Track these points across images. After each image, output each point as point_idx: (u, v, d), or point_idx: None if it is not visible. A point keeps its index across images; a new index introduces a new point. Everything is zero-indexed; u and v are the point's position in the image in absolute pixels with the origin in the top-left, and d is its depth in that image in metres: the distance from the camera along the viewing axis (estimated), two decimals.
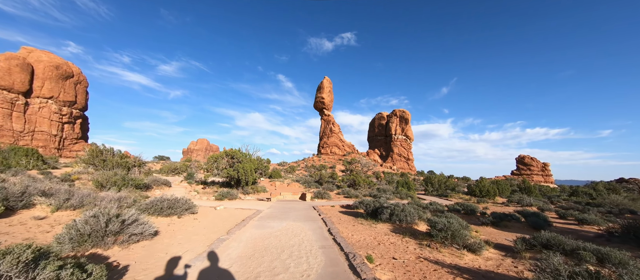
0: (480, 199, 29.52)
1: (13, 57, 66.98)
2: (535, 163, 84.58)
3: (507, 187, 33.55)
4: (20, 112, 67.58)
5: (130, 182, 19.00)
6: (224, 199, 19.80)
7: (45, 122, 70.42)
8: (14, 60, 66.35)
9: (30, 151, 31.99)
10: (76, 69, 74.62)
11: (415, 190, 33.82)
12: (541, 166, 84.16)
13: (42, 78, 69.85)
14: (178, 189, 24.50)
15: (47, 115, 70.57)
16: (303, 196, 22.26)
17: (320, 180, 44.68)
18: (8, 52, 68.12)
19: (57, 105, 71.90)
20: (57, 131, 71.89)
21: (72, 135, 74.83)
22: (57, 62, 71.56)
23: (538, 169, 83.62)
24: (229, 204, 17.46)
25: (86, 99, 77.01)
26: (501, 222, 14.16)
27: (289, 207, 17.02)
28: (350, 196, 26.62)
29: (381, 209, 12.36)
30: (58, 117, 71.88)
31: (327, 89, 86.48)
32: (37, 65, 69.65)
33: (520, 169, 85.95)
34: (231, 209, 14.90)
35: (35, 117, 69.45)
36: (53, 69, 70.63)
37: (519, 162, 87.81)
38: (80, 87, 75.00)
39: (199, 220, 11.38)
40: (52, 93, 70.63)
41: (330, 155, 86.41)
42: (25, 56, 69.38)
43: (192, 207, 12.63)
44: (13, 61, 66.28)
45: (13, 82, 65.80)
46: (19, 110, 67.34)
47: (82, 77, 75.56)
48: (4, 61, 65.95)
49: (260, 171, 26.32)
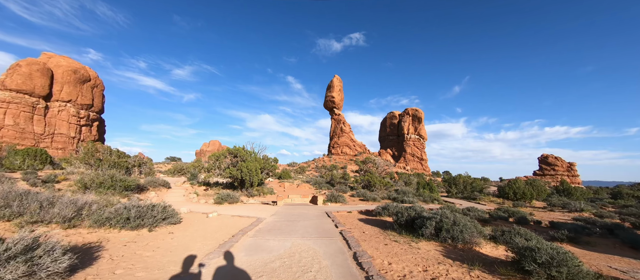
0: (515, 202, 25.18)
1: (34, 62, 67.62)
2: (560, 163, 77.57)
3: (544, 188, 28.91)
4: (41, 115, 68.02)
5: (118, 184, 16.26)
6: (224, 203, 16.74)
7: (64, 125, 70.67)
8: (35, 66, 66.91)
9: (36, 151, 30.38)
10: (93, 73, 74.80)
11: (438, 192, 29.77)
12: (567, 166, 77.07)
13: (61, 82, 70.24)
14: (177, 191, 21.72)
15: (66, 118, 70.81)
16: (314, 199, 18.92)
17: (331, 181, 41.22)
18: (29, 58, 68.89)
19: (75, 109, 72.13)
20: (75, 133, 72.04)
21: (89, 137, 74.84)
22: (75, 66, 71.86)
23: (563, 169, 76.58)
24: (226, 209, 14.34)
25: (102, 102, 77.08)
26: (580, 237, 10.26)
27: (297, 213, 13.70)
28: (366, 199, 23.04)
29: (420, 220, 8.82)
30: (76, 120, 72.06)
31: (337, 88, 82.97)
32: (56, 70, 70.11)
33: (544, 169, 79.08)
34: (226, 217, 11.73)
35: (55, 120, 69.79)
36: (71, 73, 70.91)
37: (541, 162, 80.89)
38: (97, 90, 75.08)
39: (175, 234, 8.24)
40: (71, 96, 70.90)
41: (341, 155, 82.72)
42: (46, 61, 70.02)
43: (173, 215, 9.53)
44: (34, 66, 66.85)
45: (34, 87, 66.29)
46: (39, 113, 67.79)
47: (99, 81, 75.65)
48: (25, 66, 66.61)
49: (266, 171, 23.22)
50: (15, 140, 63.13)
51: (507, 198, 27.07)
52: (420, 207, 10.46)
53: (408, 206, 10.88)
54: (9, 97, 64.09)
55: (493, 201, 26.31)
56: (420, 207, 10.64)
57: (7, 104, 63.92)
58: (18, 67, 66.14)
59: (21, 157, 25.09)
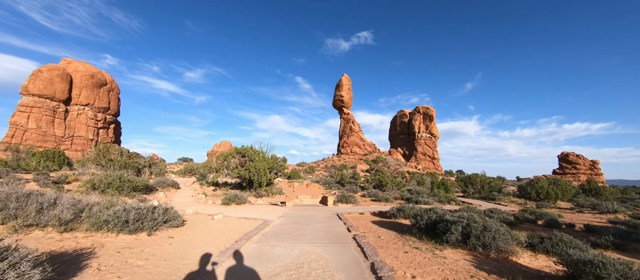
0: (539, 203, 23.44)
1: (54, 68, 70.08)
2: (582, 161, 73.30)
3: (569, 187, 26.89)
4: (61, 118, 70.42)
5: (126, 184, 15.99)
6: (231, 204, 16.16)
7: (82, 128, 72.92)
8: (55, 71, 69.33)
9: (54, 153, 31.04)
10: (109, 77, 76.82)
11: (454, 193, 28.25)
12: (589, 164, 72.75)
13: (79, 87, 72.50)
14: (186, 192, 21.40)
15: (84, 121, 73.05)
16: (324, 200, 18.09)
17: (341, 181, 40.25)
18: (50, 64, 71.42)
19: (93, 112, 74.29)
20: (93, 136, 74.20)
21: (106, 139, 76.90)
22: (92, 71, 74.00)
23: (586, 168, 72.33)
24: (233, 211, 13.72)
25: (118, 105, 79.05)
26: (628, 244, 8.94)
27: (306, 215, 12.90)
28: (378, 199, 21.99)
29: (443, 224, 7.81)
30: (94, 123, 74.22)
31: (346, 87, 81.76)
32: (75, 75, 72.44)
33: (564, 167, 74.98)
34: (231, 219, 11.07)
35: (74, 123, 72.12)
36: (89, 77, 73.07)
37: (562, 160, 76.75)
38: (113, 94, 77.07)
39: (175, 239, 7.60)
40: (88, 100, 73.07)
41: (350, 155, 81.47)
42: (65, 67, 72.47)
43: (175, 217, 8.92)
44: (54, 72, 69.27)
45: (55, 91, 68.69)
46: (60, 117, 70.20)
47: (115, 85, 77.63)
48: (46, 72, 69.14)
49: (275, 171, 22.57)
50: (38, 142, 65.61)
51: (529, 198, 25.32)
52: (441, 209, 9.42)
53: (427, 207, 9.86)
54: (32, 102, 66.67)
55: (514, 202, 24.64)
56: (441, 209, 9.59)
57: (31, 108, 66.50)
58: (40, 72, 68.71)
59: (37, 158, 25.54)
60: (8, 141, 65.27)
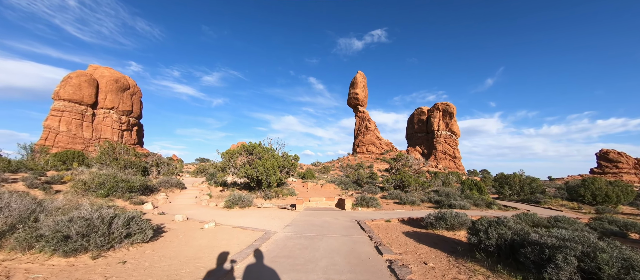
0: (599, 207, 19.15)
1: (82, 74, 72.55)
2: (625, 159, 64.82)
3: (630, 189, 22.16)
4: (89, 122, 72.74)
5: (121, 184, 14.09)
6: (234, 207, 13.78)
7: (108, 130, 74.99)
8: (83, 77, 71.74)
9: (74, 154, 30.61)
10: (131, 81, 78.51)
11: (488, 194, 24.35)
12: (633, 162, 64.16)
13: (105, 91, 74.66)
14: (191, 192, 19.42)
15: (110, 124, 75.09)
16: (341, 203, 15.26)
17: (358, 181, 37.16)
18: (79, 70, 74.03)
19: (117, 115, 76.21)
20: (117, 138, 76.05)
21: (129, 141, 78.61)
22: (116, 76, 75.94)
23: (629, 166, 63.85)
24: (232, 217, 11.28)
25: (141, 108, 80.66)
26: None
27: (320, 223, 10.17)
28: (403, 202, 18.82)
29: (534, 248, 4.78)
30: (118, 125, 76.11)
31: (361, 84, 78.24)
32: (101, 80, 74.66)
33: (603, 166, 66.74)
34: (224, 229, 8.57)
35: (100, 126, 74.32)
36: (113, 82, 75.02)
37: (601, 159, 68.46)
38: (136, 97, 78.69)
39: (127, 265, 5.15)
40: (113, 104, 75.03)
41: (366, 154, 77.81)
42: (92, 72, 74.91)
43: (142, 230, 6.51)
44: (82, 78, 71.70)
45: (83, 96, 71.05)
46: (87, 120, 72.53)
47: (137, 89, 79.26)
48: (75, 78, 71.68)
49: (286, 170, 20.08)
50: (68, 145, 67.97)
51: (582, 201, 20.99)
52: (515, 223, 6.30)
53: (491, 218, 6.78)
54: (63, 106, 69.27)
55: (564, 205, 20.44)
56: (517, 224, 6.46)
57: (61, 112, 69.13)
58: (69, 78, 71.33)
59: (51, 159, 24.81)
60: (42, 143, 68.06)
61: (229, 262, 5.36)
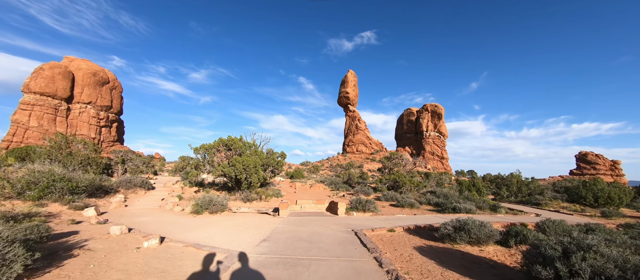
0: (602, 209, 17.78)
1: (56, 66, 66.63)
2: (602, 161, 66.35)
3: (627, 190, 21.10)
4: (63, 117, 66.83)
5: (59, 184, 11.05)
6: (203, 212, 11.07)
7: (84, 126, 69.24)
8: (57, 69, 65.85)
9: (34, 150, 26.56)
10: (111, 75, 73.16)
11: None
12: (609, 164, 65.78)
13: (81, 85, 68.96)
14: (158, 194, 16.42)
15: (87, 119, 69.39)
16: (332, 206, 12.83)
17: (349, 181, 34.94)
18: (52, 62, 68.03)
19: (95, 110, 70.63)
20: (95, 134, 70.48)
21: (109, 138, 73.16)
22: (94, 69, 70.43)
23: (606, 168, 65.38)
24: (194, 227, 8.62)
25: (121, 104, 75.32)
26: None
27: (307, 236, 7.70)
28: (401, 204, 16.65)
29: None
30: (96, 121, 70.52)
31: (352, 83, 76.37)
32: (77, 73, 68.94)
33: (582, 167, 68.07)
34: (171, 249, 5.95)
35: (76, 121, 68.51)
36: (91, 75, 69.50)
37: (579, 160, 69.84)
38: (116, 92, 73.34)
39: None
40: (91, 98, 69.45)
41: (356, 153, 75.99)
42: (67, 65, 69.03)
43: (8, 261, 3.85)
44: (56, 69, 65.80)
45: (56, 89, 65.19)
46: (62, 115, 66.61)
47: (117, 83, 73.95)
48: (48, 70, 65.68)
49: (271, 168, 17.47)
50: (39, 141, 61.86)
51: (584, 203, 19.64)
52: (619, 253, 4.09)
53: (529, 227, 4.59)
54: (34, 100, 63.18)
55: (566, 207, 18.98)
56: (611, 248, 4.24)
57: (32, 106, 63.02)
58: (41, 70, 65.27)
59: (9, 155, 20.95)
60: (9, 139, 61.72)
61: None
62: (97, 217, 9.29)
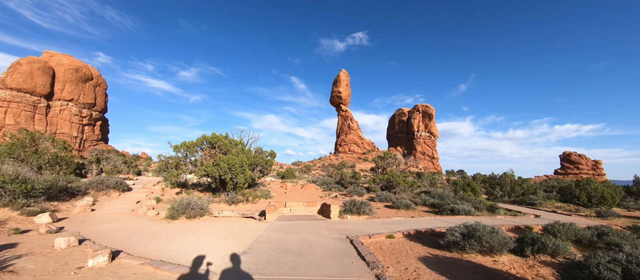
0: (596, 208, 17.47)
1: (35, 61, 62.79)
2: (585, 161, 68.17)
3: (618, 190, 21.01)
4: (42, 114, 63.01)
5: (9, 185, 9.49)
6: (180, 216, 9.75)
7: (66, 124, 65.54)
8: (36, 64, 62.05)
9: None
10: (95, 71, 69.66)
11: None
12: (592, 164, 67.64)
13: (62, 81, 65.28)
14: (135, 195, 14.89)
15: (68, 117, 65.69)
16: (325, 209, 11.73)
17: (341, 181, 33.97)
18: (30, 56, 64.10)
19: (77, 108, 67.00)
20: (77, 133, 66.86)
21: (92, 137, 69.63)
22: (77, 65, 66.83)
23: (588, 168, 67.17)
24: (164, 236, 7.34)
25: (105, 102, 71.85)
26: None
27: (296, 246, 6.56)
28: (396, 206, 15.73)
29: None
30: (78, 119, 66.90)
31: (344, 82, 75.60)
32: (58, 69, 65.22)
33: (566, 167, 69.75)
34: (122, 268, 4.72)
35: (57, 119, 64.75)
36: (73, 72, 65.90)
37: (563, 160, 71.55)
38: (100, 89, 69.87)
39: None
40: (72, 95, 65.82)
41: (348, 153, 75.26)
42: (47, 60, 65.20)
43: None
44: (35, 65, 62.00)
45: (35, 85, 61.40)
46: (41, 113, 62.78)
47: (101, 80, 70.49)
48: (26, 65, 61.80)
49: (260, 168, 16.22)
50: None
51: (577, 202, 19.33)
52: None
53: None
54: (10, 96, 59.24)
55: (560, 207, 18.60)
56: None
57: (8, 102, 59.06)
58: (19, 65, 61.35)
59: None
60: None
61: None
62: (48, 225, 7.85)
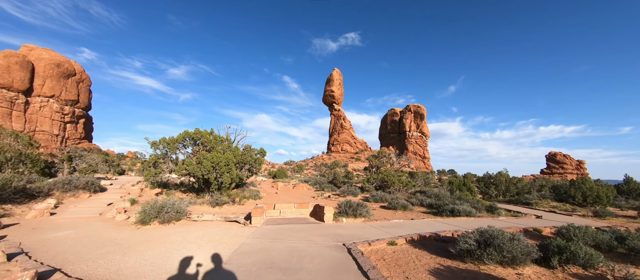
0: (592, 208, 17.14)
1: (12, 54, 58.99)
2: (569, 161, 69.82)
3: (610, 189, 20.89)
4: (21, 111, 59.22)
5: None
6: (152, 221, 8.46)
7: (46, 122, 61.90)
8: (13, 58, 58.30)
9: None
10: (78, 67, 66.20)
11: None
12: (576, 164, 69.35)
13: (43, 76, 61.63)
14: (107, 197, 13.38)
15: (49, 114, 62.06)
16: (317, 211, 10.66)
17: (334, 181, 32.98)
18: (7, 50, 60.21)
19: (59, 104, 63.41)
20: (59, 131, 63.28)
21: (74, 135, 66.11)
22: (58, 60, 63.28)
23: (572, 167, 68.84)
24: (124, 247, 6.09)
25: (89, 98, 68.41)
26: None
27: (283, 258, 5.45)
28: (393, 207, 14.83)
29: None
30: (60, 117, 63.33)
31: (337, 82, 74.77)
32: (37, 64, 61.54)
33: (552, 167, 71.26)
34: None
35: (36, 116, 61.02)
36: (54, 66, 62.32)
37: (549, 160, 73.10)
38: (83, 85, 66.43)
39: None
40: (54, 92, 62.24)
41: (341, 153, 74.45)
42: (26, 54, 61.41)
43: None
44: (12, 59, 58.23)
45: (12, 80, 57.67)
46: (19, 109, 58.98)
47: (85, 76, 67.07)
48: (2, 59, 57.95)
49: (248, 166, 14.99)
50: None
51: (572, 202, 19.00)
52: None
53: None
54: None
55: (556, 207, 18.22)
56: None
57: None
58: None
59: None
60: None
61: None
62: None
